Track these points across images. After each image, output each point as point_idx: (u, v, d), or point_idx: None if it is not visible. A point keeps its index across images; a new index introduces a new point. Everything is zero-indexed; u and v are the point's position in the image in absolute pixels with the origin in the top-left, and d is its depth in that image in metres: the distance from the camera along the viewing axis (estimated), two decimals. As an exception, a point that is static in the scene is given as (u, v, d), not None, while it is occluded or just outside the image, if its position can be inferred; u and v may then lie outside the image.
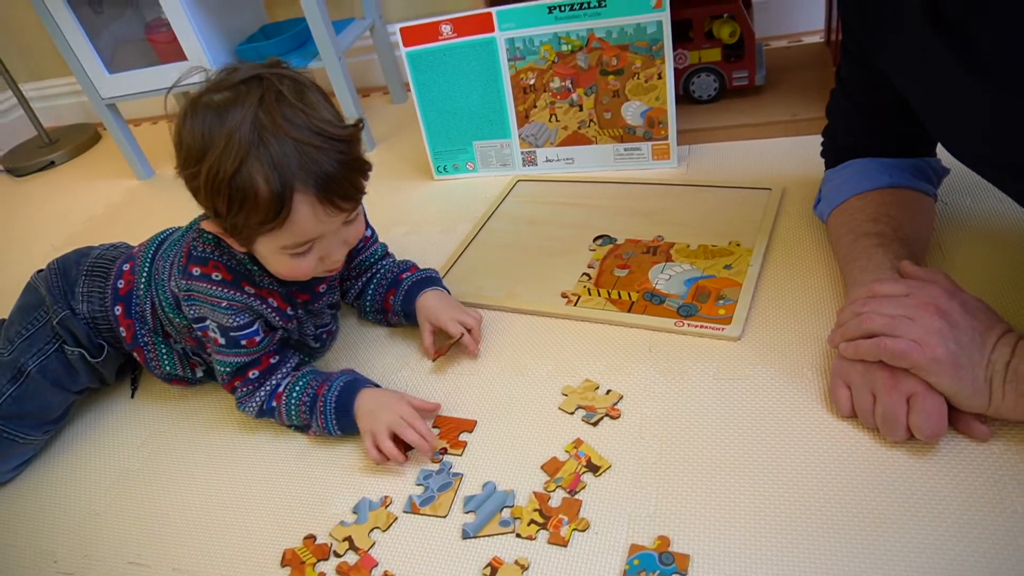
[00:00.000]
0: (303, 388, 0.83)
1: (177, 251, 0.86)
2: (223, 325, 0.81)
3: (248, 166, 0.68)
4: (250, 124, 0.68)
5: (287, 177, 0.69)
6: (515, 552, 0.67)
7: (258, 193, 0.69)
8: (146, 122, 2.06)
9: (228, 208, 0.70)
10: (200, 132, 0.70)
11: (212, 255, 0.81)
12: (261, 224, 0.71)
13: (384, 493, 0.76)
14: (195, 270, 0.80)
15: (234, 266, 0.81)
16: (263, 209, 0.70)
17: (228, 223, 0.73)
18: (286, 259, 0.77)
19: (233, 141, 0.68)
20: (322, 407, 0.81)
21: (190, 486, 0.83)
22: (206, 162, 0.69)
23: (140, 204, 1.60)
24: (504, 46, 1.17)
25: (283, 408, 0.83)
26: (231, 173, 0.68)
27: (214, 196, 0.70)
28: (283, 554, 0.72)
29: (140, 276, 0.90)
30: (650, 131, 1.17)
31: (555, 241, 1.07)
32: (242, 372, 0.83)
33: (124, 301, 0.90)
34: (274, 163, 0.68)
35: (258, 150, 0.68)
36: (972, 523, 0.60)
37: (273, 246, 0.75)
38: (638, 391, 0.80)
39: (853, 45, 0.83)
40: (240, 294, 0.80)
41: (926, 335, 0.64)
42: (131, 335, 0.91)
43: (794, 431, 0.71)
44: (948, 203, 0.94)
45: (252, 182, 0.69)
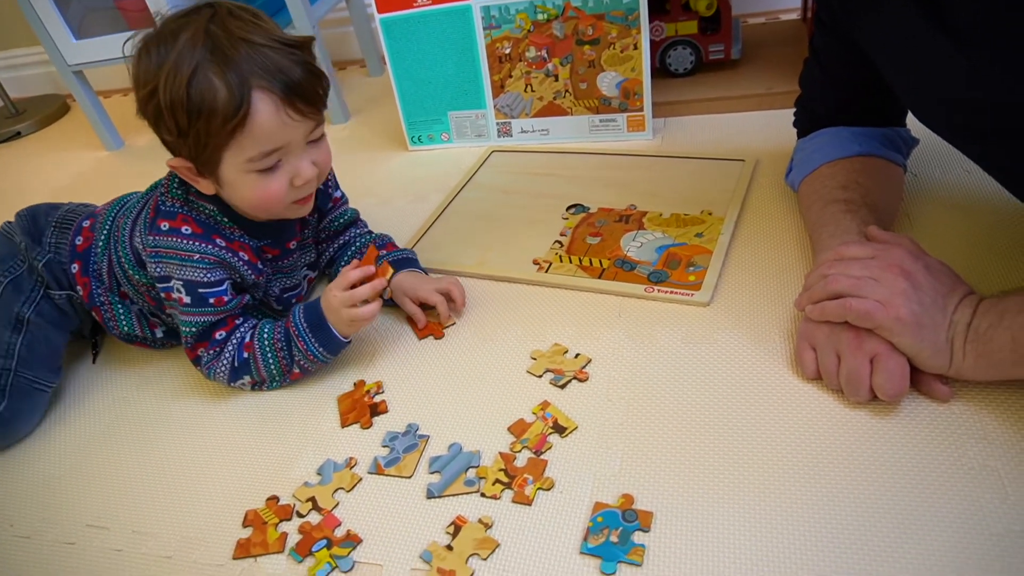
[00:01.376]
0: (271, 329, 0.81)
1: (142, 207, 0.85)
2: (191, 281, 0.79)
3: (203, 70, 0.68)
4: (202, 35, 0.69)
5: (244, 75, 0.69)
6: (479, 511, 0.66)
7: (216, 94, 0.68)
8: (117, 94, 2.02)
9: (188, 119, 0.69)
10: (153, 58, 0.70)
11: (181, 209, 0.79)
12: (223, 127, 0.69)
13: (349, 455, 0.75)
14: (163, 224, 0.79)
15: (203, 219, 0.80)
16: (222, 110, 0.68)
17: (191, 143, 0.71)
18: (254, 179, 0.74)
19: (185, 52, 0.68)
20: (296, 332, 0.80)
21: (152, 450, 0.82)
22: (160, 78, 0.68)
23: (109, 175, 1.57)
24: (480, 14, 1.16)
25: (258, 355, 0.81)
26: (187, 80, 0.68)
27: (173, 112, 0.69)
28: (245, 515, 0.71)
29: (99, 234, 0.89)
30: (625, 102, 1.17)
31: (528, 210, 1.06)
32: (207, 334, 0.82)
33: (81, 259, 0.89)
34: (229, 64, 0.68)
35: (213, 55, 0.68)
36: (932, 480, 0.60)
37: (239, 161, 0.72)
38: (607, 355, 0.79)
39: (827, 15, 0.83)
40: (211, 246, 0.79)
41: (890, 296, 0.64)
42: (87, 293, 0.89)
43: (759, 393, 0.71)
44: (917, 175, 0.95)
45: (209, 84, 0.68)
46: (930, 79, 0.67)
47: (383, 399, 0.80)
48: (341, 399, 0.82)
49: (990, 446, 0.61)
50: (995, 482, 0.59)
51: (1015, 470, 0.59)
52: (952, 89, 0.65)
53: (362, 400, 0.81)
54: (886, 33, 0.71)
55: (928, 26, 0.63)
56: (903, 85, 0.74)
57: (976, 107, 0.63)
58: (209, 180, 0.76)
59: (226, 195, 0.79)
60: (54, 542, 0.73)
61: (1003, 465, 0.60)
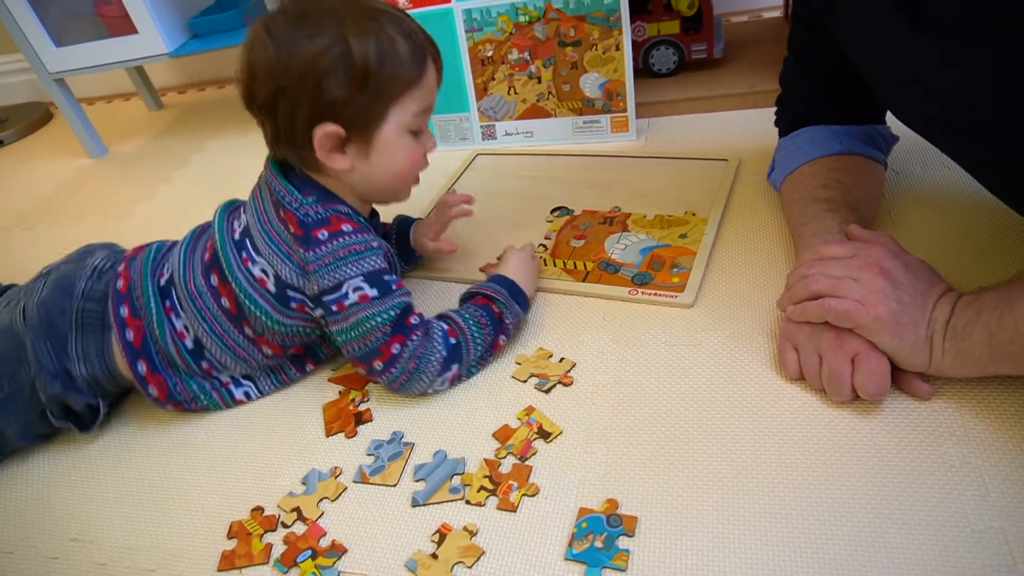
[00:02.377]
0: (467, 313, 0.80)
1: (248, 233, 0.77)
2: (373, 271, 0.74)
3: (385, 28, 0.70)
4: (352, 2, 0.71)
5: (415, 33, 0.73)
6: (464, 518, 0.66)
7: (398, 47, 0.70)
8: (100, 100, 2.01)
9: (378, 70, 0.69)
10: (285, 28, 0.69)
11: (329, 212, 0.75)
12: (405, 77, 0.71)
13: (334, 464, 0.75)
14: (321, 233, 0.74)
15: (352, 215, 0.77)
16: (407, 61, 0.71)
17: (366, 99, 0.70)
18: (408, 142, 0.75)
19: (351, 15, 0.69)
20: (504, 299, 0.81)
21: (135, 463, 0.81)
22: (346, 35, 0.68)
23: (92, 183, 1.56)
24: (461, 17, 1.16)
25: (467, 333, 0.78)
26: (375, 33, 0.69)
27: (366, 64, 0.69)
28: (229, 526, 0.71)
29: (152, 314, 0.79)
30: (609, 103, 1.17)
31: (513, 213, 1.06)
32: (401, 324, 0.75)
33: (144, 355, 0.79)
34: (401, 25, 0.71)
35: (387, 17, 0.71)
36: (914, 478, 0.60)
37: (404, 117, 0.73)
38: (591, 359, 0.79)
39: (805, 11, 0.83)
40: (374, 236, 0.77)
41: (869, 295, 0.65)
42: (165, 393, 0.80)
43: (743, 394, 0.71)
44: (899, 172, 0.95)
45: (393, 41, 0.70)
46: (906, 74, 0.67)
47: (368, 407, 0.80)
48: (326, 407, 0.81)
49: (970, 443, 0.62)
50: (975, 479, 0.59)
51: (995, 467, 0.60)
52: (928, 84, 0.65)
53: (347, 408, 0.80)
54: (862, 29, 0.72)
55: (904, 21, 0.63)
56: (880, 81, 0.74)
57: (951, 102, 0.64)
58: (351, 152, 0.74)
59: (362, 175, 0.76)
60: (37, 557, 0.73)
61: (983, 462, 0.60)
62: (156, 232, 0.91)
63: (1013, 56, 0.56)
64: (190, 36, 1.48)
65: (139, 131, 1.76)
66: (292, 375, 0.85)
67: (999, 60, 0.57)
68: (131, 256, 0.85)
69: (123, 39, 1.44)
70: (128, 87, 1.93)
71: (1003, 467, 0.59)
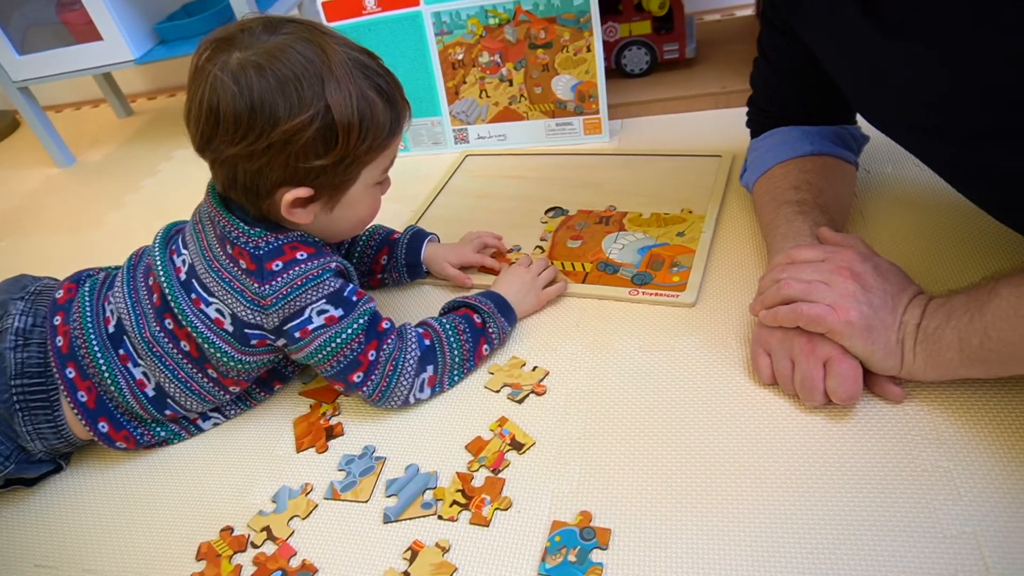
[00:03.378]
0: (445, 320, 0.79)
1: (211, 275, 0.72)
2: (333, 292, 0.72)
3: (364, 88, 0.66)
4: (319, 52, 0.65)
5: (395, 93, 0.70)
6: (436, 534, 0.65)
7: (376, 108, 0.67)
8: (68, 107, 1.98)
9: (357, 135, 0.66)
10: (263, 86, 0.63)
11: (280, 240, 0.71)
12: (383, 140, 0.69)
13: (305, 480, 0.73)
14: (276, 264, 0.70)
15: (311, 241, 0.73)
16: (383, 122, 0.68)
17: (343, 163, 0.67)
18: (374, 193, 0.75)
19: (333, 76, 0.64)
20: (489, 309, 0.80)
21: (102, 483, 0.79)
22: (323, 98, 0.64)
23: (60, 193, 1.53)
24: (431, 20, 1.14)
25: (443, 338, 0.77)
26: (357, 98, 0.65)
27: (347, 132, 0.65)
28: (198, 547, 0.69)
29: (103, 370, 0.74)
30: (581, 105, 1.16)
31: (506, 215, 1.04)
32: (375, 324, 0.74)
33: (103, 414, 0.75)
34: (382, 81, 0.68)
35: (363, 72, 0.67)
36: (887, 483, 0.60)
37: (375, 174, 0.72)
38: (565, 367, 0.78)
39: (772, 11, 0.83)
40: (330, 259, 0.73)
41: (840, 299, 0.64)
42: (133, 443, 0.78)
43: (716, 401, 0.70)
44: (870, 171, 0.95)
45: (372, 103, 0.67)
46: (870, 75, 0.67)
47: (339, 421, 0.79)
48: (297, 422, 0.80)
49: (942, 447, 0.62)
50: (947, 483, 0.59)
51: (966, 470, 0.59)
52: (892, 85, 0.65)
53: (318, 423, 0.79)
54: (826, 29, 0.71)
55: (866, 21, 0.63)
56: (845, 81, 0.74)
57: (915, 103, 0.63)
58: (315, 208, 0.71)
59: (321, 224, 0.73)
60: (0, 585, 0.71)
61: (955, 466, 0.60)
62: (128, 243, 0.88)
63: (973, 57, 0.55)
64: (157, 42, 1.45)
65: (108, 139, 1.73)
66: (259, 397, 0.84)
67: (958, 61, 0.57)
68: (64, 302, 0.78)
69: (88, 46, 1.41)
70: (97, 93, 1.90)
71: (975, 471, 0.59)
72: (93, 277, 0.82)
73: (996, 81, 0.55)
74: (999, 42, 0.53)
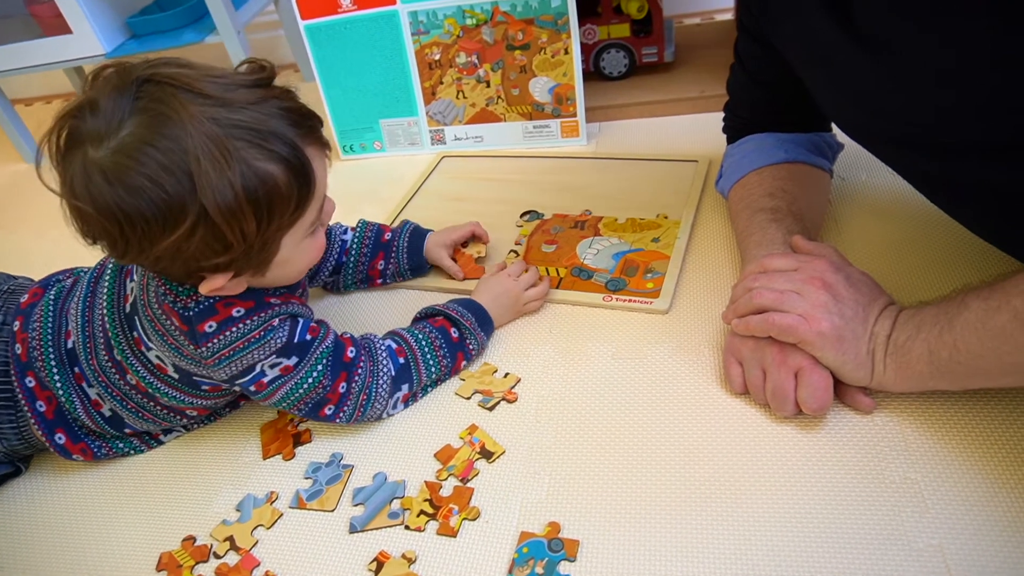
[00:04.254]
0: (420, 333, 0.75)
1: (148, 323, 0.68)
2: (282, 347, 0.67)
3: (244, 158, 0.56)
4: (198, 118, 0.54)
5: (290, 143, 0.58)
6: (403, 545, 0.64)
7: (274, 176, 0.57)
8: (39, 101, 1.93)
9: (256, 224, 0.57)
10: (120, 199, 0.54)
11: (213, 299, 0.65)
12: (295, 211, 0.60)
13: (270, 488, 0.72)
14: (209, 325, 0.64)
15: (243, 294, 0.66)
16: (287, 195, 0.59)
17: (254, 247, 0.59)
18: (308, 243, 0.66)
19: (208, 154, 0.54)
20: (457, 333, 0.77)
21: (57, 487, 0.77)
22: (202, 198, 0.54)
23: (28, 188, 1.50)
24: (407, 19, 1.13)
25: (417, 354, 0.73)
26: (239, 175, 0.55)
27: (227, 227, 0.56)
28: (159, 557, 0.68)
29: (58, 387, 0.72)
30: (558, 108, 1.15)
31: (481, 218, 1.02)
32: (338, 364, 0.69)
33: (61, 426, 0.73)
34: (261, 135, 0.57)
35: (235, 136, 0.56)
36: (855, 495, 0.60)
37: (299, 235, 0.64)
38: (537, 373, 0.78)
39: (748, 18, 0.82)
40: (272, 309, 0.67)
41: (812, 309, 0.64)
42: (91, 456, 0.76)
43: (687, 410, 0.70)
44: (845, 179, 0.95)
45: (262, 173, 0.57)
46: (844, 86, 0.67)
47: (307, 427, 0.77)
48: (264, 428, 0.78)
49: (911, 458, 0.62)
50: (915, 495, 0.59)
51: (934, 482, 0.59)
52: (865, 96, 0.64)
53: (285, 429, 0.77)
54: (802, 40, 0.71)
55: (841, 33, 0.63)
56: (817, 89, 0.74)
57: (886, 113, 0.63)
58: (245, 279, 0.65)
59: (260, 282, 0.67)
60: (-48, 596, 0.69)
61: (923, 477, 0.60)
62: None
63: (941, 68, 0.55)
64: (129, 36, 1.42)
65: (79, 134, 1.69)
66: (224, 413, 0.81)
67: (927, 72, 0.57)
68: (26, 307, 0.75)
69: (57, 39, 1.38)
70: (68, 87, 1.86)
71: (942, 482, 0.59)
72: (61, 283, 0.78)
73: (967, 94, 0.55)
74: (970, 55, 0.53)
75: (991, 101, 0.54)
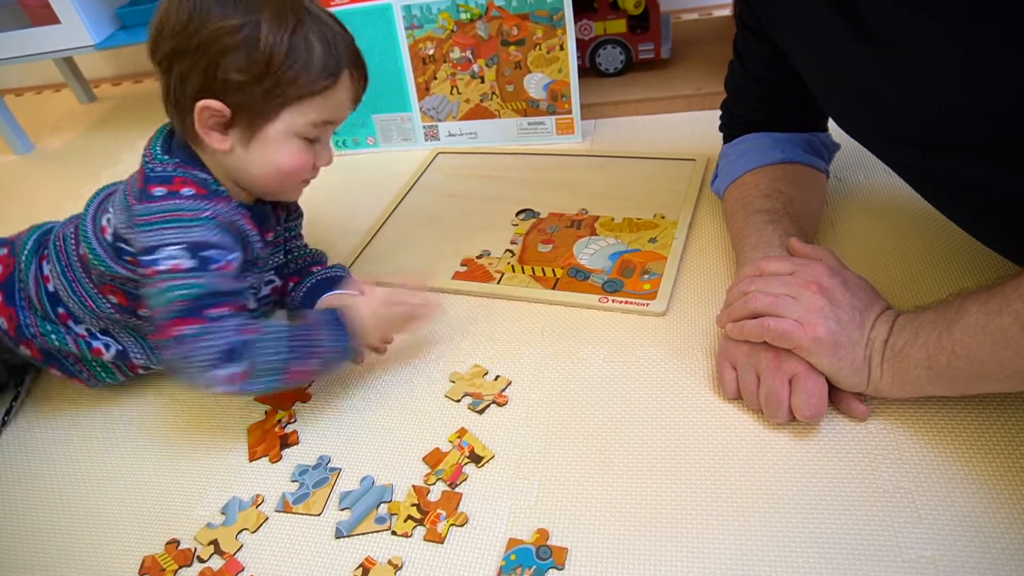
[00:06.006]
0: (275, 325, 0.71)
1: (108, 194, 0.77)
2: (196, 243, 0.68)
3: (306, 27, 0.67)
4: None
5: (338, 44, 0.69)
6: (390, 551, 0.63)
7: (314, 53, 0.67)
8: (29, 91, 1.91)
9: (282, 64, 0.66)
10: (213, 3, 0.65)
11: (177, 172, 0.71)
12: (309, 83, 0.68)
13: (256, 491, 0.71)
14: (158, 190, 0.69)
15: (205, 181, 0.71)
16: (317, 69, 0.68)
17: (263, 88, 0.67)
18: (296, 145, 0.71)
19: (276, 2, 0.66)
20: (322, 322, 0.73)
21: (36, 487, 0.76)
22: (263, 16, 0.65)
23: (16, 181, 1.48)
24: (400, 13, 1.11)
25: (262, 342, 0.69)
26: (293, 27, 0.66)
27: (271, 52, 0.66)
28: (142, 561, 0.67)
29: (20, 257, 0.80)
30: (553, 104, 1.14)
31: (477, 216, 1.02)
32: (198, 309, 0.67)
33: (4, 288, 0.79)
34: (327, 33, 0.69)
35: (310, 16, 0.68)
36: (848, 504, 0.59)
37: (298, 122, 0.70)
38: (528, 376, 0.77)
39: (747, 14, 0.81)
40: (221, 205, 0.70)
41: (808, 314, 0.63)
42: (14, 327, 0.78)
43: (680, 415, 0.69)
44: (842, 179, 0.94)
45: (310, 41, 0.67)
46: (844, 82, 0.66)
47: (295, 429, 0.76)
48: (251, 429, 0.77)
49: (904, 466, 0.61)
50: (908, 504, 0.58)
51: (928, 491, 0.59)
52: (869, 92, 0.63)
53: (273, 431, 0.76)
54: (804, 37, 0.70)
55: (843, 28, 0.62)
56: (819, 87, 0.73)
57: (888, 112, 0.62)
58: (233, 135, 0.69)
59: (239, 160, 0.71)
60: (-69, 599, 0.68)
61: (916, 487, 0.59)
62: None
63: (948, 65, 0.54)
64: (118, 27, 1.40)
65: (69, 126, 1.67)
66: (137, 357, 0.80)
67: (934, 69, 0.56)
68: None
69: (45, 29, 1.36)
70: (58, 78, 1.84)
71: (936, 492, 0.58)
72: None
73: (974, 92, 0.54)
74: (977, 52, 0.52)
75: (998, 99, 0.53)
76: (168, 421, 0.81)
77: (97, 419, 0.83)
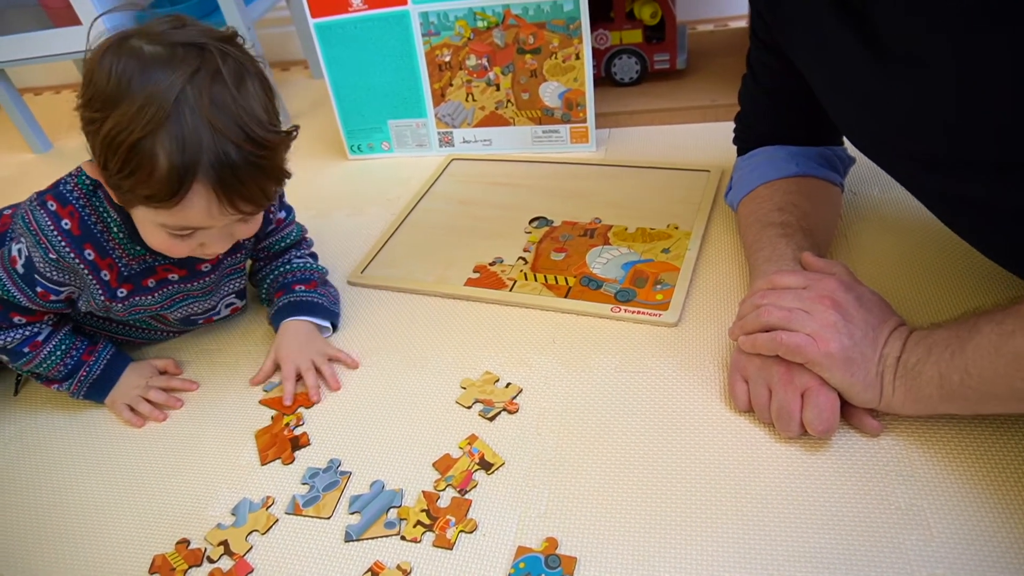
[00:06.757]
0: (66, 350, 0.81)
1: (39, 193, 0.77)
2: (35, 264, 0.74)
3: (155, 138, 0.62)
4: (174, 95, 0.62)
5: (192, 163, 0.63)
6: (399, 556, 0.63)
7: (155, 168, 0.63)
8: (48, 91, 1.93)
9: (120, 169, 0.64)
10: (116, 78, 0.63)
11: (76, 201, 0.74)
12: (148, 199, 0.66)
13: (267, 493, 0.71)
14: (51, 204, 0.73)
15: (89, 224, 0.74)
16: (156, 185, 0.64)
17: (113, 181, 0.67)
18: (162, 235, 0.71)
19: (149, 106, 0.62)
20: (84, 375, 0.82)
21: (48, 486, 0.76)
22: (113, 116, 0.63)
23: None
24: (418, 20, 1.12)
25: (39, 358, 0.80)
26: (135, 139, 0.62)
27: (108, 151, 0.64)
28: (152, 560, 0.67)
29: None
30: (568, 113, 1.14)
31: (490, 223, 1.02)
32: (5, 313, 0.77)
33: None
34: (184, 144, 0.62)
35: (172, 125, 0.62)
36: (859, 521, 0.59)
37: (153, 219, 0.69)
38: (539, 384, 0.77)
39: (761, 28, 0.81)
40: (74, 254, 0.73)
41: (821, 329, 0.63)
42: None
43: (691, 426, 0.69)
44: (857, 193, 0.94)
45: (153, 156, 0.62)
46: (860, 99, 0.66)
47: (304, 431, 0.76)
48: (259, 435, 0.77)
49: (916, 483, 0.60)
50: (920, 522, 0.58)
51: (940, 509, 0.58)
52: (881, 109, 0.63)
53: (282, 434, 0.77)
54: (817, 51, 0.70)
55: (859, 45, 0.62)
56: (831, 102, 0.73)
57: (900, 128, 0.62)
58: (120, 202, 0.71)
59: (133, 219, 0.73)
60: (-58, 593, 0.69)
61: (929, 504, 0.59)
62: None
63: (962, 85, 0.54)
64: (138, 29, 1.42)
65: (87, 125, 1.69)
66: None
67: (948, 87, 0.56)
68: None
69: (66, 30, 1.37)
70: (78, 77, 1.86)
71: (948, 510, 0.58)
72: None
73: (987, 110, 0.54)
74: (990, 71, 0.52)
75: (1011, 118, 0.53)
76: (178, 421, 0.81)
77: (106, 417, 0.84)
